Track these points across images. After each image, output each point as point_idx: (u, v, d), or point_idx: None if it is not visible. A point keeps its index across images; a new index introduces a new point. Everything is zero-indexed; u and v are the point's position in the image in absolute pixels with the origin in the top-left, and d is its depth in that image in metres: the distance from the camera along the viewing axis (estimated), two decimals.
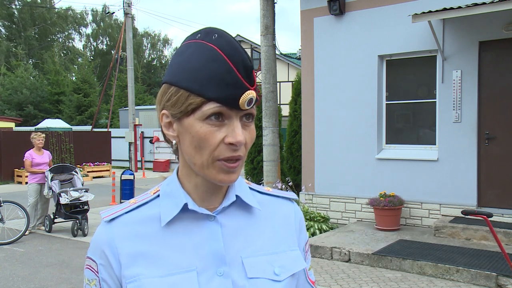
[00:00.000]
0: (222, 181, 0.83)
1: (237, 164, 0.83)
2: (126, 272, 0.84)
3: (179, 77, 0.82)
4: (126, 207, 0.89)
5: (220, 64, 0.79)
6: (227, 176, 0.83)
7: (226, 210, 0.90)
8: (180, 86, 0.81)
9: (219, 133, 0.81)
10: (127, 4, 19.05)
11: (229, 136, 0.81)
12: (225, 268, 0.85)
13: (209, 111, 0.79)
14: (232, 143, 0.81)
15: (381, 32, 7.25)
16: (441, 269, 5.10)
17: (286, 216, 0.97)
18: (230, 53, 0.80)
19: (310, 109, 7.99)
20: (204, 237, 0.87)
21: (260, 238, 0.91)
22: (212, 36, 0.82)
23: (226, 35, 0.82)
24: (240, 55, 0.81)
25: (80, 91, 30.08)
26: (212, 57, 0.79)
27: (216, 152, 0.81)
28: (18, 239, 7.23)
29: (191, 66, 0.81)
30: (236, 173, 0.84)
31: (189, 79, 0.80)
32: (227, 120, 0.81)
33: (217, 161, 0.82)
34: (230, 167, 0.82)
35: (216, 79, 0.79)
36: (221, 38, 0.81)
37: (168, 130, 0.87)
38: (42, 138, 8.11)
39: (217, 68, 0.79)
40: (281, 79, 20.08)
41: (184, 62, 0.82)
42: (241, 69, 0.80)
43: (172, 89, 0.83)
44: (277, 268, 0.89)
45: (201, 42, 0.82)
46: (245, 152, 0.85)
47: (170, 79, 0.84)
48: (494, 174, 6.55)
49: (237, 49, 0.81)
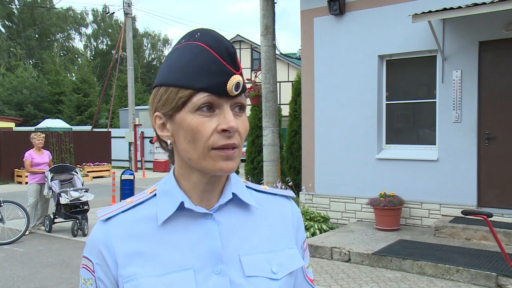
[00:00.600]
0: (222, 169, 0.83)
1: (234, 151, 0.83)
2: (123, 271, 0.84)
3: (167, 77, 0.84)
4: (123, 206, 0.89)
5: (205, 56, 0.81)
6: (225, 163, 0.83)
7: (223, 208, 0.90)
8: (169, 85, 0.83)
9: (211, 122, 0.82)
10: (127, 4, 19.04)
11: (222, 123, 0.81)
12: (222, 267, 0.85)
13: (199, 102, 0.81)
14: (225, 130, 0.81)
15: (381, 32, 7.25)
16: (441, 269, 5.10)
17: (283, 214, 0.97)
18: (213, 45, 0.82)
19: (310, 109, 7.99)
20: (201, 236, 0.86)
21: (257, 236, 0.91)
22: (195, 35, 0.84)
23: (209, 31, 0.85)
24: (223, 44, 0.82)
25: (80, 91, 30.09)
26: (197, 52, 0.82)
27: (211, 141, 0.81)
28: (18, 239, 7.23)
29: (178, 65, 0.83)
30: (234, 161, 0.84)
31: (177, 77, 0.82)
32: (218, 110, 0.82)
33: (212, 149, 0.82)
34: (228, 153, 0.82)
35: (202, 70, 0.81)
36: (204, 35, 0.83)
37: (162, 131, 0.87)
38: (42, 138, 8.11)
39: (202, 60, 0.81)
40: (281, 79, 20.08)
41: (171, 64, 0.85)
42: (225, 57, 0.82)
43: (162, 90, 0.85)
44: (275, 266, 0.89)
45: (187, 43, 0.85)
46: (240, 141, 0.85)
47: (159, 82, 0.86)
48: (494, 174, 6.55)
49: (220, 40, 0.83)
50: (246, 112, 1.07)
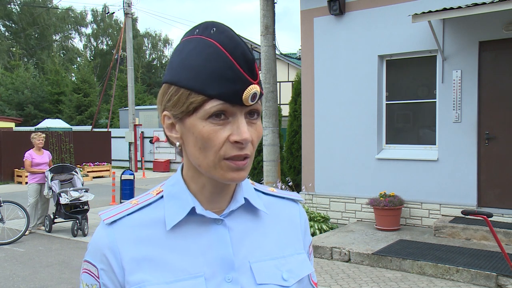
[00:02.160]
0: (233, 179, 0.80)
1: (246, 162, 0.80)
2: (130, 277, 0.80)
3: (179, 76, 0.78)
4: (128, 209, 0.85)
5: (220, 59, 0.75)
6: (236, 173, 0.79)
7: (233, 213, 0.87)
8: (180, 85, 0.78)
9: (223, 131, 0.77)
10: (127, 4, 19.04)
11: (234, 134, 0.77)
12: (233, 274, 0.82)
13: (212, 109, 0.76)
14: (237, 141, 0.77)
15: (381, 32, 7.25)
16: (441, 269, 5.10)
17: (291, 218, 0.95)
18: (230, 48, 0.76)
19: (310, 109, 7.99)
20: (212, 242, 0.83)
21: (267, 241, 0.88)
22: (211, 30, 0.78)
23: (225, 28, 0.78)
24: (241, 48, 0.76)
25: (80, 91, 30.08)
26: (212, 53, 0.76)
27: (222, 152, 0.77)
28: (18, 239, 7.23)
29: (190, 64, 0.77)
30: (245, 171, 0.81)
31: (189, 78, 0.77)
32: (231, 118, 0.77)
33: (223, 160, 0.78)
34: (239, 164, 0.79)
35: (217, 75, 0.75)
36: (220, 32, 0.77)
37: (171, 131, 0.83)
38: (42, 138, 8.10)
39: (217, 64, 0.75)
40: (281, 79, 20.08)
41: (183, 60, 0.79)
42: (242, 63, 0.76)
43: (172, 89, 0.80)
44: (285, 273, 0.87)
45: (200, 38, 0.78)
46: (252, 150, 0.81)
47: (170, 79, 0.80)
48: (494, 174, 6.55)
49: (237, 42, 0.77)
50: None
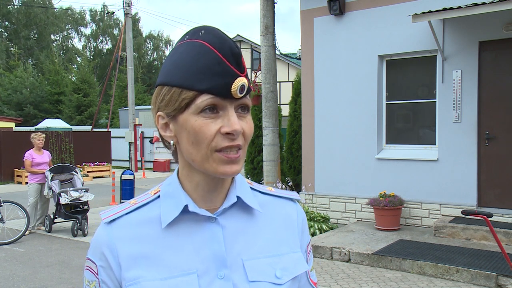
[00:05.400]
0: (225, 173, 0.82)
1: (238, 154, 0.82)
2: (126, 274, 0.84)
3: (170, 76, 0.82)
4: (126, 208, 0.88)
5: (209, 56, 0.79)
6: (229, 167, 0.82)
7: (227, 212, 0.89)
8: (172, 85, 0.82)
9: (214, 124, 0.80)
10: (127, 4, 19.04)
11: (225, 126, 0.80)
12: (226, 271, 0.84)
13: (203, 104, 0.79)
14: (228, 133, 0.80)
15: (381, 32, 7.25)
16: (441, 269, 5.10)
17: (288, 217, 0.96)
18: (218, 44, 0.80)
19: (310, 109, 7.99)
20: (205, 239, 0.85)
21: (260, 240, 0.90)
22: (199, 33, 0.82)
23: (213, 29, 0.83)
24: (228, 44, 0.80)
25: (80, 91, 30.07)
26: (200, 51, 0.80)
27: (214, 143, 0.80)
28: (18, 239, 7.23)
29: (181, 64, 0.81)
30: (238, 164, 0.83)
31: (180, 76, 0.81)
32: (221, 111, 0.81)
33: (215, 152, 0.81)
34: (231, 157, 0.81)
35: (206, 71, 0.79)
36: (208, 33, 0.82)
37: (165, 131, 0.86)
38: (42, 138, 8.10)
39: (206, 61, 0.79)
40: (281, 79, 20.08)
41: (174, 62, 0.83)
42: (229, 58, 0.80)
43: (165, 89, 0.83)
44: (279, 271, 0.88)
45: (190, 41, 0.82)
46: (245, 143, 0.83)
47: (162, 81, 0.84)
48: (494, 174, 6.55)
49: (224, 39, 0.81)
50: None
